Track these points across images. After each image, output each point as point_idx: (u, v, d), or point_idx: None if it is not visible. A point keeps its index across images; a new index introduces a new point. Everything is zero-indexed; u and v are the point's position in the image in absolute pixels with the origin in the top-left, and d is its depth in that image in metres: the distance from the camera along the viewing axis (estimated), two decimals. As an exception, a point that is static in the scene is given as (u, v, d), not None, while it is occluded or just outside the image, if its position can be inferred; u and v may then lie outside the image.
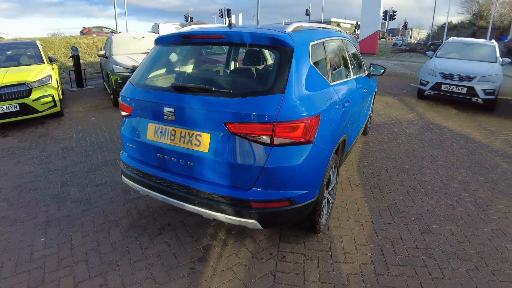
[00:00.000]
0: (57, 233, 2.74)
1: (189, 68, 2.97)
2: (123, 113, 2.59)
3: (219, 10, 28.49)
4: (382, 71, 4.34)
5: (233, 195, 2.11)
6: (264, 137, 2.00)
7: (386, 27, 35.79)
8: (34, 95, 5.36)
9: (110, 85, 6.92)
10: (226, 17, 28.85)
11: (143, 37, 7.82)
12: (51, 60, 6.71)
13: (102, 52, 7.51)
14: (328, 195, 2.73)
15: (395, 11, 28.08)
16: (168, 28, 23.99)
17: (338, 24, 64.09)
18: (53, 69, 6.25)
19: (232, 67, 3.23)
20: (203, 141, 2.14)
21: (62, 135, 5.22)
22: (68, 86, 9.26)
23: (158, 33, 14.08)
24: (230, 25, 2.67)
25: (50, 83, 5.65)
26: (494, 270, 2.38)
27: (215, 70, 3.00)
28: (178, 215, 2.98)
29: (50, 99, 5.60)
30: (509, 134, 5.65)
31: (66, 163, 4.13)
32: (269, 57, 3.32)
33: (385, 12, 28.03)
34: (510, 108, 7.63)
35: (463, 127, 5.97)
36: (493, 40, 8.76)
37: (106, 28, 24.26)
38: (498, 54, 7.98)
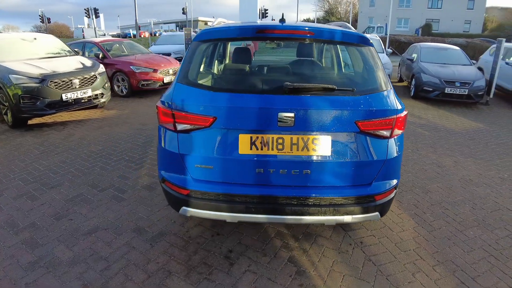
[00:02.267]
0: None
1: (274, 65, 2.64)
2: (186, 127, 2.06)
3: (85, 9, 25.26)
4: None
5: (358, 194, 2.12)
6: (385, 131, 2.09)
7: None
8: None
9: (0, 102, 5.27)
10: (94, 17, 25.61)
11: (35, 39, 6.18)
12: None
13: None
14: None
15: (267, 9, 30.37)
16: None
17: (206, 23, 65.13)
18: None
19: (324, 64, 2.95)
20: (323, 144, 2.04)
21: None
22: None
23: (83, 37, 11.49)
24: (282, 20, 2.41)
25: None
26: None
27: (309, 67, 2.69)
28: (228, 239, 2.62)
29: None
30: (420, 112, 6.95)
31: None
32: (340, 55, 3.16)
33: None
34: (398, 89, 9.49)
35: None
36: (376, 35, 10.51)
37: None
38: (383, 46, 9.62)
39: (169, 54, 11.40)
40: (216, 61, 2.53)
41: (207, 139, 2.05)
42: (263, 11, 30.39)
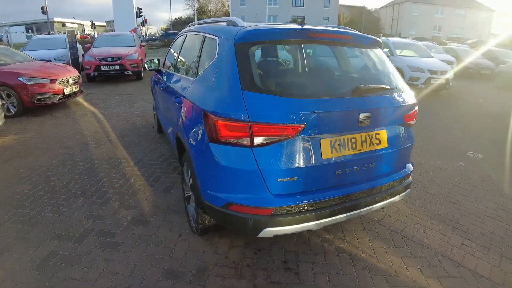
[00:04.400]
0: None
1: (325, 68, 2.60)
2: (267, 140, 1.88)
3: None
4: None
5: (402, 176, 2.40)
6: (413, 121, 2.45)
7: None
8: None
9: None
10: None
11: None
12: None
13: None
14: None
15: (141, 8, 28.34)
16: None
17: (64, 24, 57.34)
18: None
19: (355, 65, 2.78)
20: (382, 138, 2.22)
21: None
22: None
23: None
24: (303, 23, 2.41)
25: None
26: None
27: (351, 69, 2.66)
28: (273, 251, 2.41)
29: None
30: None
31: None
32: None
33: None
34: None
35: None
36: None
37: None
38: None
39: (49, 61, 9.46)
40: (270, 64, 2.39)
41: (291, 149, 1.91)
42: (136, 10, 28.32)
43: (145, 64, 4.40)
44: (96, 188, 3.37)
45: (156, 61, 4.34)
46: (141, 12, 28.78)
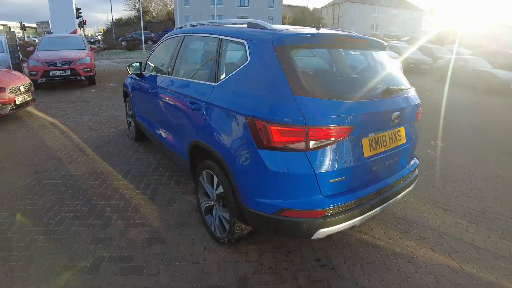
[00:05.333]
0: None
1: (356, 71, 2.70)
2: (322, 143, 1.91)
3: None
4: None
5: (414, 167, 2.63)
6: (419, 117, 2.66)
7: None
8: None
9: None
10: None
11: None
12: None
13: None
14: None
15: (80, 8, 26.26)
16: None
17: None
18: None
19: (377, 68, 2.75)
20: (402, 134, 2.41)
21: None
22: None
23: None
24: (318, 27, 2.54)
25: None
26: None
27: (368, 71, 2.69)
28: (304, 252, 2.42)
29: None
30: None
31: None
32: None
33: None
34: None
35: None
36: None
37: None
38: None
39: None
40: (310, 68, 2.38)
41: (341, 150, 1.99)
42: (75, 11, 26.26)
43: (127, 68, 4.05)
44: (90, 208, 3.01)
45: (137, 64, 4.02)
46: (80, 12, 26.74)
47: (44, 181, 3.57)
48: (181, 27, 3.56)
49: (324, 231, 1.95)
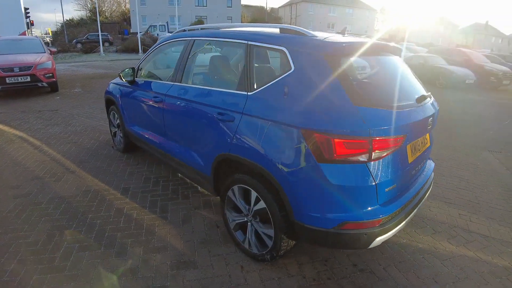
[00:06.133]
0: None
1: (391, 77, 2.60)
2: (382, 153, 1.87)
3: None
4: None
5: (433, 166, 2.77)
6: None
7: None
8: None
9: None
10: None
11: None
12: None
13: None
14: None
15: (28, 8, 24.17)
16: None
17: None
18: None
19: (406, 75, 2.70)
20: (428, 138, 2.48)
21: None
22: None
23: None
24: (343, 32, 2.56)
25: None
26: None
27: (402, 78, 2.63)
28: (341, 258, 2.36)
29: None
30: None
31: None
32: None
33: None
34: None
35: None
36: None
37: None
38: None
39: None
40: (359, 76, 2.30)
41: (395, 159, 1.99)
42: (23, 11, 24.20)
43: (119, 75, 3.68)
44: (96, 235, 2.66)
45: (129, 70, 3.67)
46: (28, 13, 24.69)
47: (30, 206, 3.12)
48: (183, 30, 3.27)
49: (381, 239, 1.95)
